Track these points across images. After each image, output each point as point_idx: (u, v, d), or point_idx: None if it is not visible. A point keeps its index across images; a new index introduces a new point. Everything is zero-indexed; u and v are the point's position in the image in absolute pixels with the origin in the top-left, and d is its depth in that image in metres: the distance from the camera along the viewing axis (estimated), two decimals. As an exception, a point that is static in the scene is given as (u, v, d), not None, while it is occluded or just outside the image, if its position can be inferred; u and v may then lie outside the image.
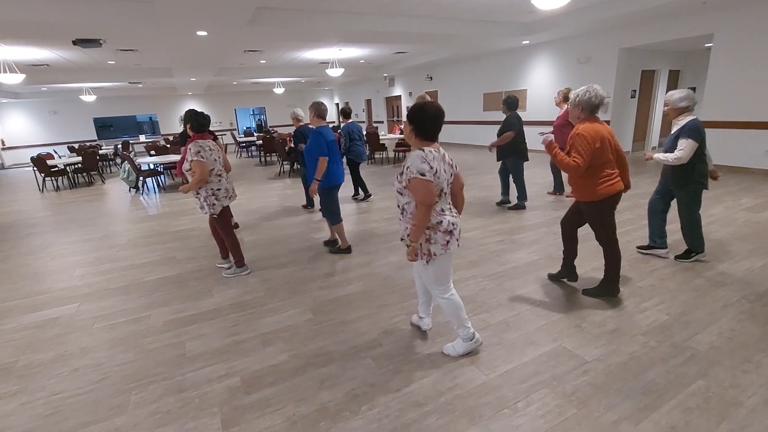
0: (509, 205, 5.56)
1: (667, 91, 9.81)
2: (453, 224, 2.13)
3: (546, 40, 9.66)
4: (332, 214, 4.02)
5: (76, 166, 9.96)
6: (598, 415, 1.89)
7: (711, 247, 3.76)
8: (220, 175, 3.52)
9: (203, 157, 3.33)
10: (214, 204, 3.50)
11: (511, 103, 5.19)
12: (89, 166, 9.90)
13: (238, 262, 3.76)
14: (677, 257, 3.53)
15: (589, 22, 7.59)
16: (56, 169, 9.57)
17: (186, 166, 3.41)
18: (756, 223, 4.38)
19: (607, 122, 8.89)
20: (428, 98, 4.41)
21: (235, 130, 20.55)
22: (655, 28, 7.74)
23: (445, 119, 2.20)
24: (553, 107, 9.93)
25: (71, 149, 13.80)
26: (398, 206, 2.20)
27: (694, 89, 9.93)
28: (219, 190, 3.51)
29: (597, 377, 2.14)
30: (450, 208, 2.18)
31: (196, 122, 3.44)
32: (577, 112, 2.70)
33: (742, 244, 3.80)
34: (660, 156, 3.20)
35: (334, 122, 21.82)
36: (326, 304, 3.13)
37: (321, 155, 3.71)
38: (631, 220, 4.63)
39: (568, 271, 3.16)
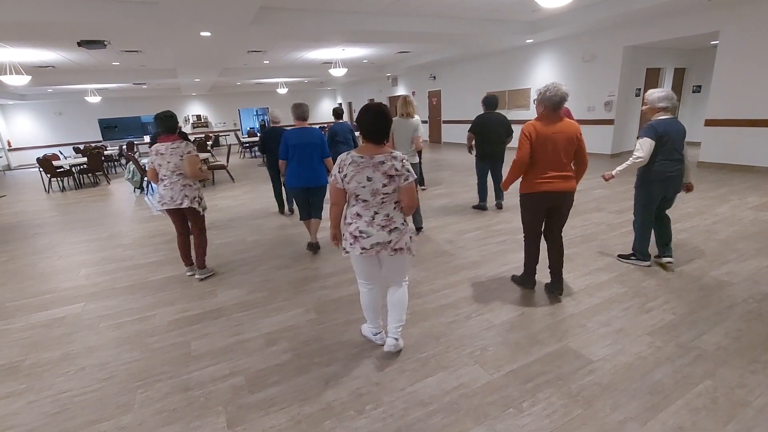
0: (483, 205, 5.51)
1: (672, 90, 9.79)
2: (361, 232, 2.14)
3: (550, 39, 9.63)
4: (299, 210, 4.22)
5: (81, 167, 10.03)
6: (604, 415, 1.88)
7: (717, 247, 3.73)
8: (162, 180, 3.51)
9: (151, 162, 3.48)
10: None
11: (489, 102, 5.07)
12: (94, 167, 9.97)
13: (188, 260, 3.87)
14: (619, 255, 3.58)
15: (594, 20, 7.55)
16: (62, 169, 9.64)
17: None
18: (763, 221, 4.34)
19: (611, 121, 8.87)
20: (410, 99, 4.43)
21: (238, 130, 20.63)
22: (660, 25, 7.69)
23: (449, 119, 2.20)
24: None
25: (77, 150, 13.90)
26: None
27: (699, 87, 9.88)
28: (160, 195, 3.56)
29: (603, 377, 2.13)
30: (373, 216, 2.13)
31: (162, 125, 3.46)
32: (540, 109, 2.74)
33: (749, 243, 3.77)
34: (620, 168, 3.19)
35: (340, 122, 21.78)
36: (329, 303, 3.13)
37: (279, 158, 4.01)
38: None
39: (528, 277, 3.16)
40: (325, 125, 17.79)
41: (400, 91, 16.87)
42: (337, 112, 6.12)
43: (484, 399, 2.03)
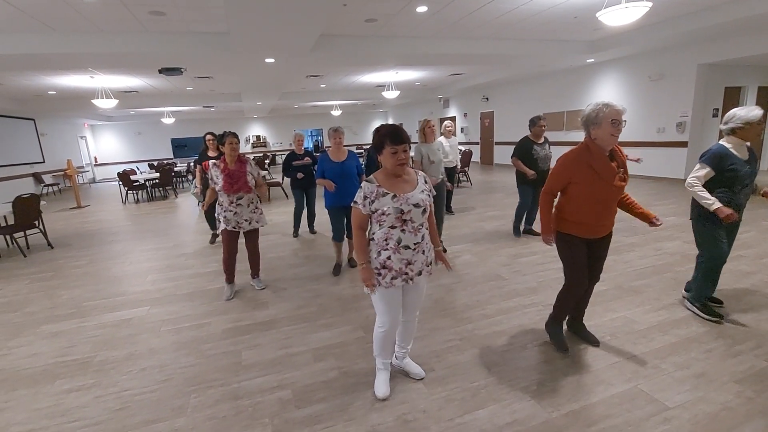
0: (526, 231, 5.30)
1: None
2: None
3: (613, 58, 9.21)
4: (333, 230, 4.11)
5: (153, 182, 10.97)
6: (685, 471, 1.65)
7: (820, 286, 3.25)
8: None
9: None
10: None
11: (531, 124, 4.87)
12: (165, 182, 10.86)
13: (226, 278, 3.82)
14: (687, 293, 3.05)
15: (663, 37, 7.12)
16: (137, 183, 10.59)
17: (251, 180, 3.59)
18: None
19: (684, 143, 8.21)
20: (432, 123, 4.33)
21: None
22: (740, 41, 7.09)
23: (501, 140, 2.11)
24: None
25: (151, 166, 15.27)
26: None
27: (789, 107, 8.88)
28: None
29: (681, 427, 1.88)
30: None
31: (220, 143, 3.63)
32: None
33: None
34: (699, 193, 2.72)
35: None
36: (377, 322, 3.08)
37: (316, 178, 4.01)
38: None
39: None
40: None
41: (452, 112, 16.87)
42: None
43: (542, 439, 1.86)
